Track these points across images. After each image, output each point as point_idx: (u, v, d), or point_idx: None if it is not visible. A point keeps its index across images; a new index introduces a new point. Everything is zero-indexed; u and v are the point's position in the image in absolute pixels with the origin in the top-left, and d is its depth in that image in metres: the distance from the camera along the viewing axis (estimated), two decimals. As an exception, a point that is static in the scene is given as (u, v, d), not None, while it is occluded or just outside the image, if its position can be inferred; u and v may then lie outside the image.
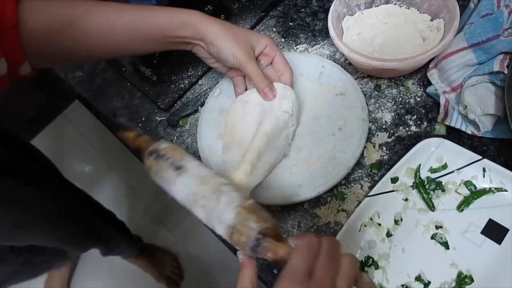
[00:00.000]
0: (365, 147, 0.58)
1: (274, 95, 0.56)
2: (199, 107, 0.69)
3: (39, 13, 0.49)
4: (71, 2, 0.53)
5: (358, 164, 0.58)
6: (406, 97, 0.61)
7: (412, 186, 0.54)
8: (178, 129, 0.68)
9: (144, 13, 0.54)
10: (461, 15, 0.57)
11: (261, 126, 0.56)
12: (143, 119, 0.71)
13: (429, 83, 0.60)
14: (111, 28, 0.53)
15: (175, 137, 0.68)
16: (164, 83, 0.72)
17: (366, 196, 0.54)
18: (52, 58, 0.54)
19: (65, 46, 0.52)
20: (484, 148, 0.55)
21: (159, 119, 0.70)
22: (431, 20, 0.61)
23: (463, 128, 0.55)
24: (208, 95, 0.68)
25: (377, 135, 0.59)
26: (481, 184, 0.52)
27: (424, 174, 0.54)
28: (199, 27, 0.55)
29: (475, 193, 0.51)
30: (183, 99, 0.71)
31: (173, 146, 0.48)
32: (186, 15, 0.55)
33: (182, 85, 0.71)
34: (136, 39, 0.55)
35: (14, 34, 0.47)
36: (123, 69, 0.76)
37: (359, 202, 0.54)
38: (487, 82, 0.54)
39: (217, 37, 0.55)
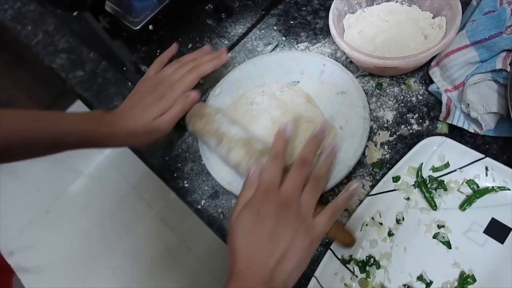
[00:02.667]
0: (366, 146, 0.58)
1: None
2: (200, 106, 0.68)
3: None
4: None
5: (360, 163, 0.57)
6: (408, 96, 0.60)
7: (414, 185, 0.54)
8: (179, 128, 0.68)
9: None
10: (463, 12, 0.56)
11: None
12: (144, 118, 0.71)
13: (431, 81, 0.59)
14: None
15: (176, 136, 0.68)
16: (165, 82, 0.72)
17: (368, 195, 0.53)
18: None
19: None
20: (487, 146, 0.54)
21: (160, 118, 0.70)
22: (433, 17, 0.61)
23: (465, 127, 0.55)
24: (208, 94, 0.68)
25: (379, 133, 0.59)
26: (483, 183, 0.51)
27: (426, 173, 0.54)
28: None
29: (478, 192, 0.51)
30: (184, 98, 0.71)
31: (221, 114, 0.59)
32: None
33: (183, 84, 0.71)
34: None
35: None
36: (124, 68, 0.76)
37: (361, 201, 0.54)
38: (489, 80, 0.54)
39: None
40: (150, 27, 0.79)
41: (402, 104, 0.60)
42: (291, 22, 0.72)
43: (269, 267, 0.42)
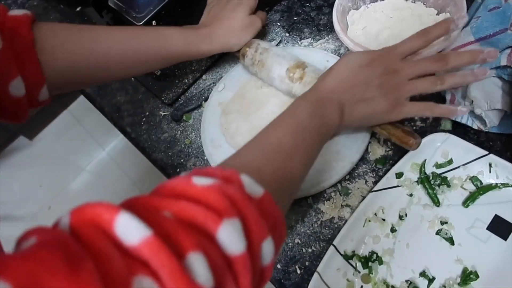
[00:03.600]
0: (369, 142, 0.58)
1: None
2: (203, 102, 0.68)
3: (57, 37, 0.49)
4: (89, 27, 0.54)
5: (363, 159, 0.57)
6: (412, 92, 0.60)
7: (417, 181, 0.54)
8: (182, 123, 0.68)
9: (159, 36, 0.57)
10: (468, 9, 0.56)
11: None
12: (147, 113, 0.71)
13: (435, 78, 0.59)
14: (134, 51, 0.54)
15: (178, 131, 0.68)
16: (168, 78, 0.72)
17: (371, 191, 0.53)
18: (72, 82, 0.54)
19: (87, 70, 0.52)
20: (491, 143, 0.54)
21: (163, 114, 0.70)
22: (438, 14, 0.61)
23: (469, 123, 0.55)
24: (212, 90, 0.68)
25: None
26: (487, 179, 0.51)
27: (429, 169, 0.54)
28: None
29: (481, 189, 0.51)
30: (187, 94, 0.71)
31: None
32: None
33: (186, 80, 0.71)
34: (157, 62, 0.58)
35: (32, 54, 0.46)
36: (127, 64, 0.76)
37: (363, 198, 0.54)
38: (494, 76, 0.53)
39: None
40: (154, 22, 0.78)
41: (406, 101, 0.60)
42: (295, 18, 0.72)
43: (348, 97, 0.48)
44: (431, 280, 0.49)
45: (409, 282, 0.49)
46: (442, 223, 0.51)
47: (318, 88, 0.48)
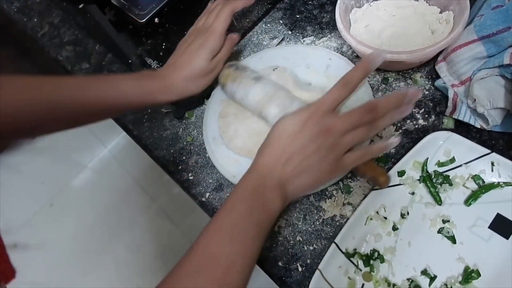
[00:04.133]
0: (372, 140, 0.58)
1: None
2: (205, 99, 0.68)
3: (5, 86, 0.48)
4: (43, 81, 0.52)
5: (365, 157, 0.57)
6: (414, 91, 0.60)
7: (419, 179, 0.54)
8: (184, 121, 0.68)
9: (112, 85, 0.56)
10: (471, 7, 0.56)
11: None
12: (149, 111, 0.71)
13: (438, 76, 0.59)
14: (83, 103, 0.53)
15: (181, 129, 0.68)
16: (170, 75, 0.72)
17: (372, 189, 0.53)
18: (18, 132, 0.52)
19: (34, 121, 0.50)
20: (493, 142, 0.54)
21: (165, 111, 0.70)
22: (440, 12, 0.61)
23: (471, 122, 0.54)
24: (214, 87, 0.68)
25: (384, 128, 0.59)
26: (489, 178, 0.51)
27: (431, 167, 0.54)
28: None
29: (483, 187, 0.51)
30: (189, 92, 0.71)
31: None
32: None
33: (188, 78, 0.71)
34: (112, 112, 0.59)
35: None
36: (130, 61, 0.76)
37: (365, 196, 0.54)
38: (496, 75, 0.53)
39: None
40: (156, 20, 0.79)
41: (408, 99, 0.60)
42: (297, 16, 0.72)
43: (288, 172, 0.46)
44: (432, 279, 0.49)
45: (410, 280, 0.49)
46: (444, 221, 0.51)
47: (257, 167, 0.47)
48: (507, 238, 0.48)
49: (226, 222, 0.43)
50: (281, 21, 0.72)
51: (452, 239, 0.50)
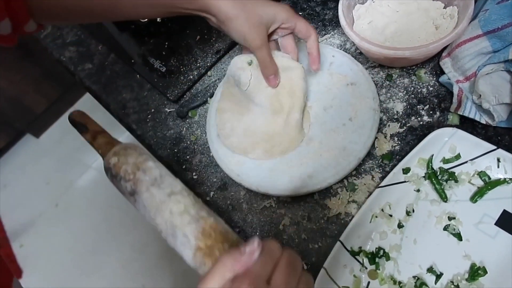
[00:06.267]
0: (376, 137, 0.57)
1: (277, 83, 0.58)
2: (208, 98, 0.68)
3: None
4: None
5: (369, 154, 0.57)
6: (418, 87, 0.60)
7: (424, 176, 0.53)
8: (188, 120, 0.68)
9: None
10: (475, 1, 0.55)
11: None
12: (153, 110, 0.71)
13: (442, 72, 0.58)
14: None
15: (184, 128, 0.68)
16: (173, 74, 0.72)
17: (377, 187, 0.53)
18: (57, 16, 0.54)
19: (71, 4, 0.52)
20: (499, 138, 0.54)
21: (168, 110, 0.70)
22: (444, 7, 0.60)
23: (477, 118, 0.54)
24: (217, 86, 0.68)
25: (389, 125, 0.58)
26: (495, 174, 0.51)
27: (436, 164, 0.53)
28: (210, 4, 0.52)
29: (489, 184, 0.50)
30: (192, 91, 0.71)
31: (123, 155, 0.44)
32: None
33: (191, 77, 0.71)
34: (144, 3, 0.53)
35: None
36: (132, 61, 0.76)
37: (370, 193, 0.54)
38: (502, 70, 0.53)
39: (228, 18, 0.52)
40: (158, 19, 0.79)
41: (413, 96, 0.59)
42: (300, 13, 0.72)
43: None
44: (438, 276, 0.48)
45: (416, 278, 0.49)
46: (450, 218, 0.51)
47: None
48: (514, 234, 0.48)
49: None
50: (283, 19, 0.72)
51: (458, 236, 0.49)
